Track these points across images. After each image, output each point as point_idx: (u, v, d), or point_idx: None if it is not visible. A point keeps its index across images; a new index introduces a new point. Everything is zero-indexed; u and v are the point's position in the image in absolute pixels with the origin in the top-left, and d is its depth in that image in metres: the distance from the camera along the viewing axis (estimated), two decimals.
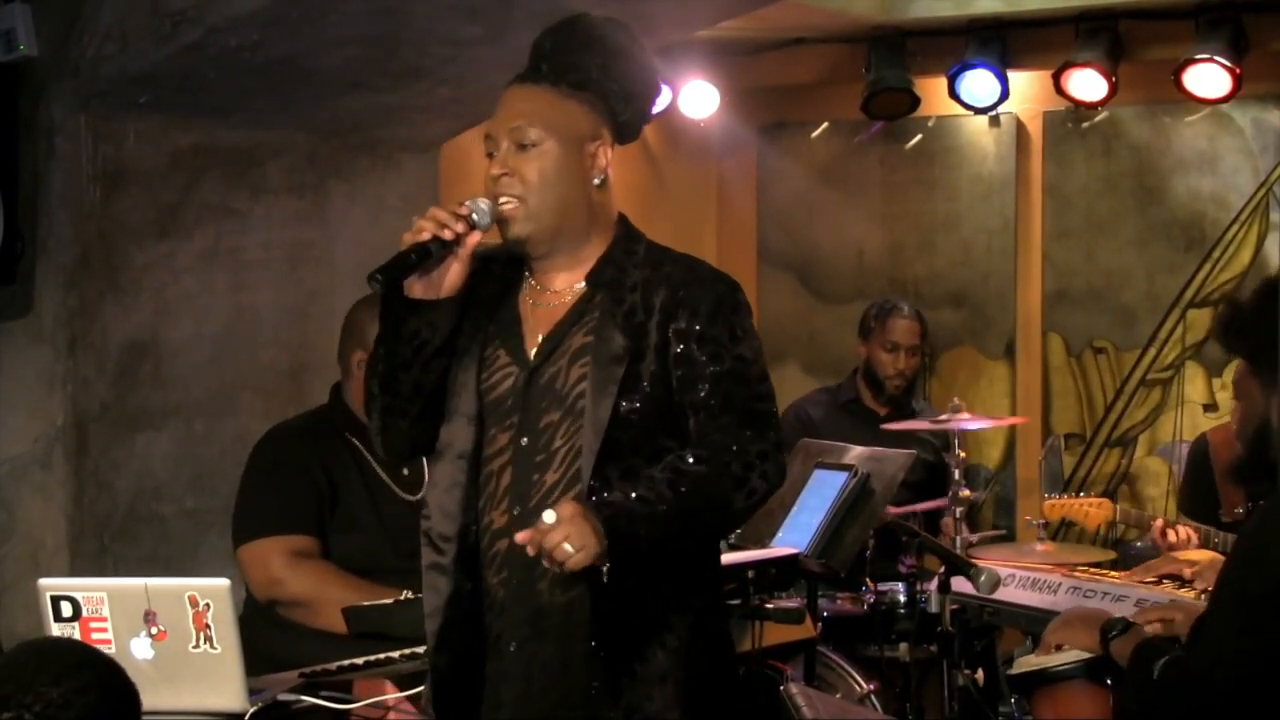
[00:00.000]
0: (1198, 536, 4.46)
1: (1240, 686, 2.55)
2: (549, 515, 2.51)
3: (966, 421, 4.86)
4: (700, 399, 2.70)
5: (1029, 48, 6.09)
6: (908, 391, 5.64)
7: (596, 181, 2.79)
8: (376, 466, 3.83)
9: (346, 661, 3.23)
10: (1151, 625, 3.18)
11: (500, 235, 2.78)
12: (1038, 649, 3.32)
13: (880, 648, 4.52)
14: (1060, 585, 3.82)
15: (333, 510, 3.80)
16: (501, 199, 2.74)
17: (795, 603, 4.22)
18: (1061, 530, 5.75)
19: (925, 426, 5.01)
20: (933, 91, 6.20)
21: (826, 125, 6.75)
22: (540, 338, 2.78)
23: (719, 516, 2.71)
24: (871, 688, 4.40)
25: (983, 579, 3.53)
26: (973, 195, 6.50)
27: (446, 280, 2.72)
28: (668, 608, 2.69)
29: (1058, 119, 6.33)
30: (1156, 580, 3.82)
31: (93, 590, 2.90)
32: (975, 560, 3.84)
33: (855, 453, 4.35)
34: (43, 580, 2.97)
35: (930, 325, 5.89)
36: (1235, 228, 6.08)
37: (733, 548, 4.11)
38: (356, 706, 3.13)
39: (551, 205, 2.75)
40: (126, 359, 4.47)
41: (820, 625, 4.46)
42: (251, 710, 2.86)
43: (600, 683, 2.66)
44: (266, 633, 3.68)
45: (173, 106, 4.44)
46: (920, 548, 4.32)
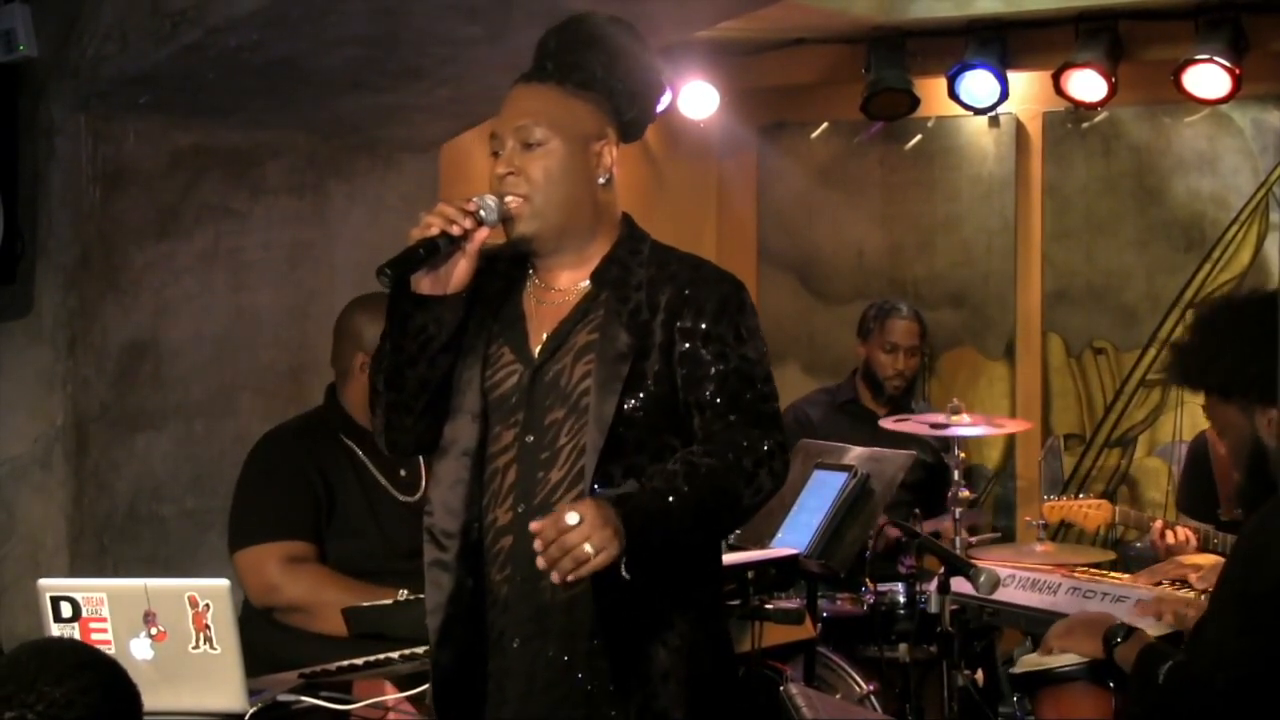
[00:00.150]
0: (1196, 538, 4.45)
1: (1242, 687, 2.55)
2: (572, 517, 2.47)
3: (965, 428, 4.85)
4: (705, 398, 2.70)
5: (1029, 48, 6.09)
6: (907, 392, 5.64)
7: (602, 180, 2.79)
8: (373, 468, 3.83)
9: (346, 662, 3.23)
10: (1165, 617, 3.18)
11: (505, 233, 2.78)
12: (1039, 650, 3.32)
13: (880, 648, 4.52)
14: (1060, 586, 3.82)
15: (329, 513, 3.79)
16: (507, 197, 2.74)
17: (795, 603, 4.21)
18: (1061, 531, 5.74)
19: (923, 430, 5.01)
20: (932, 92, 6.20)
21: (826, 125, 6.75)
22: (545, 335, 2.78)
23: (729, 512, 2.70)
24: (871, 688, 4.40)
25: (982, 579, 3.53)
26: (972, 196, 6.49)
27: (454, 276, 2.72)
28: (670, 606, 2.69)
29: (1057, 119, 6.33)
30: (1159, 585, 3.81)
31: (92, 591, 2.90)
32: (975, 561, 3.84)
33: (855, 453, 4.35)
34: (42, 580, 2.96)
35: (930, 326, 5.88)
36: (1235, 228, 6.08)
37: (732, 548, 4.11)
38: (356, 707, 3.13)
39: (557, 204, 2.74)
40: (126, 359, 4.46)
41: (820, 626, 4.45)
42: (251, 711, 2.86)
43: (602, 681, 2.65)
44: (266, 633, 3.67)
45: (173, 107, 4.44)
46: (920, 548, 4.32)
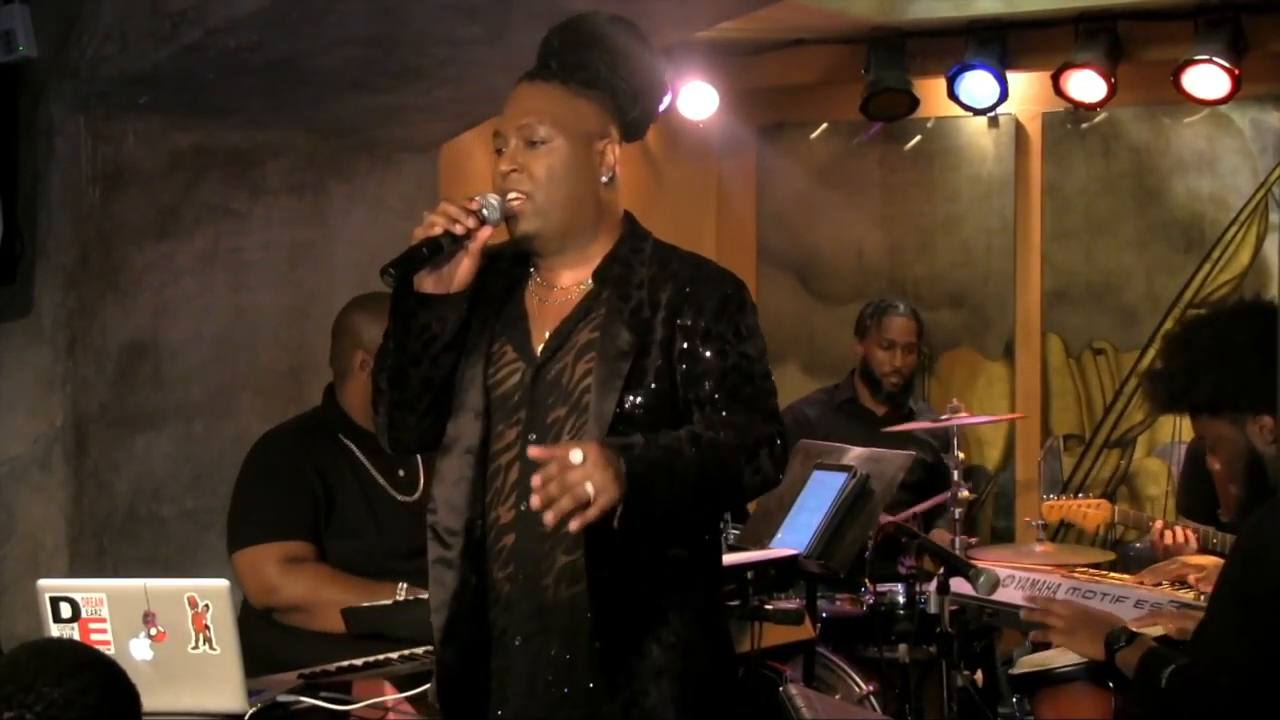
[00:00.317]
0: (1196, 538, 4.45)
1: (1246, 689, 2.55)
2: (576, 455, 2.45)
3: (964, 418, 4.86)
4: (705, 393, 2.71)
5: (1028, 49, 6.09)
6: (905, 392, 5.64)
7: (604, 179, 2.79)
8: (371, 468, 3.83)
9: (346, 662, 3.23)
10: (1167, 628, 3.18)
11: (508, 231, 2.78)
12: (1038, 634, 3.30)
13: (879, 649, 4.52)
14: (1060, 586, 3.82)
15: (328, 514, 3.79)
16: (510, 195, 2.74)
17: (794, 604, 4.22)
18: (1061, 531, 5.75)
19: (924, 426, 5.01)
20: (932, 92, 6.20)
21: (826, 126, 6.75)
22: (547, 334, 2.78)
23: (729, 486, 2.69)
24: (871, 689, 4.40)
25: (982, 580, 3.52)
26: (972, 196, 6.50)
27: (457, 275, 2.73)
28: (667, 604, 2.69)
29: (1057, 120, 6.34)
30: (1159, 585, 3.81)
31: (92, 591, 2.90)
32: (974, 561, 3.84)
33: (854, 454, 4.35)
34: (42, 581, 2.96)
35: (929, 326, 5.89)
36: (1234, 228, 6.08)
37: (732, 548, 4.11)
38: (356, 707, 3.13)
39: (560, 202, 2.75)
40: (126, 359, 4.46)
41: (819, 626, 4.45)
42: (251, 711, 2.86)
43: (599, 678, 2.66)
44: (266, 633, 3.67)
45: (172, 107, 4.44)
46: (919, 549, 4.32)
